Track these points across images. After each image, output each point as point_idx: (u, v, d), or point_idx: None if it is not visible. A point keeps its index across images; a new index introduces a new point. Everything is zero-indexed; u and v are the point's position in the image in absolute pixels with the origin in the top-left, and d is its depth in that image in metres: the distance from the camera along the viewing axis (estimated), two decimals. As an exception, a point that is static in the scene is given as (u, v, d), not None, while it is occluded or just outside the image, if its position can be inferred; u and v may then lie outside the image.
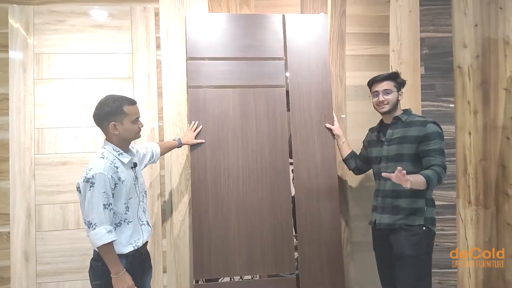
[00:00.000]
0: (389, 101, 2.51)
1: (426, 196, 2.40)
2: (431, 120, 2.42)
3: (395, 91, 2.53)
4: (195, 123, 2.71)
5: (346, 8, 3.12)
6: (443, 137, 2.38)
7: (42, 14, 2.89)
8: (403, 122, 2.49)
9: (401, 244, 2.39)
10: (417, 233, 2.37)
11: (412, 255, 2.35)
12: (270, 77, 2.81)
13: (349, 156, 2.83)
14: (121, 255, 2.06)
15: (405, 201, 2.41)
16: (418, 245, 2.36)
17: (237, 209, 2.70)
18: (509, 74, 3.22)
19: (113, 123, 2.08)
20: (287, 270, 2.73)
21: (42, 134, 2.85)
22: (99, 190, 1.98)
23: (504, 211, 3.21)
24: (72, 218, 2.83)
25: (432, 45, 3.22)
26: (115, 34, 2.95)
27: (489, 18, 3.24)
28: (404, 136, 2.43)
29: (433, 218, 2.42)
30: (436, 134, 2.35)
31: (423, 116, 2.51)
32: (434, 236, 2.44)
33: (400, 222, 2.41)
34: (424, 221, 2.38)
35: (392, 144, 2.48)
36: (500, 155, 3.22)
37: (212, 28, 2.80)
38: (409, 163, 2.39)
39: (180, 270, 2.89)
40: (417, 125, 2.41)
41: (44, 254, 2.80)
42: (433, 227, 2.42)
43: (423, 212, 2.39)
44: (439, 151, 2.33)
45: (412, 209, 2.39)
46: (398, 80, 2.55)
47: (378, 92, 2.54)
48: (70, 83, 2.89)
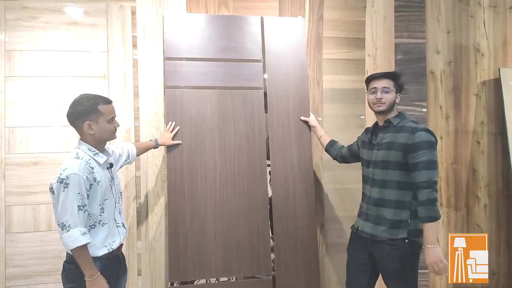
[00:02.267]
0: (386, 100, 2.34)
1: (411, 207, 2.25)
2: (422, 127, 2.25)
3: (394, 91, 2.36)
4: (172, 124, 2.69)
5: (324, 12, 3.15)
6: (434, 145, 2.21)
7: (14, 9, 2.81)
8: (394, 126, 2.33)
9: (385, 258, 2.29)
10: (401, 247, 2.25)
11: (396, 268, 2.27)
12: (248, 79, 2.81)
13: (329, 145, 2.78)
14: (96, 257, 2.02)
15: (388, 212, 2.28)
16: (402, 258, 2.25)
17: (214, 210, 2.69)
18: (479, 80, 3.32)
19: (87, 123, 2.03)
20: (264, 271, 2.73)
21: (13, 133, 2.77)
22: (74, 191, 1.92)
23: (474, 213, 3.31)
24: (44, 220, 2.76)
25: (406, 50, 3.29)
26: (90, 32, 2.89)
27: (460, 25, 3.34)
28: (393, 142, 2.28)
29: (418, 230, 2.24)
30: (425, 144, 2.18)
31: (415, 122, 2.32)
32: (420, 247, 2.29)
33: (383, 235, 2.28)
34: (407, 234, 2.24)
35: (381, 149, 2.34)
36: (471, 159, 3.31)
37: (190, 29, 2.78)
38: (395, 171, 2.27)
39: (155, 272, 2.85)
40: (406, 132, 2.25)
41: (14, 257, 2.72)
42: (418, 239, 2.26)
43: (407, 224, 2.25)
44: (427, 163, 2.16)
45: (395, 221, 2.26)
46: (399, 82, 2.40)
47: (377, 89, 2.37)
48: (43, 81, 2.81)
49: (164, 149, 2.80)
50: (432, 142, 2.21)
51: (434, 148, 2.21)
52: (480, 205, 3.31)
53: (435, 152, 2.21)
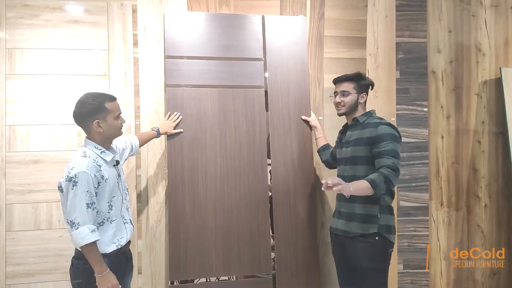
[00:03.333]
0: (345, 103, 2.46)
1: (380, 202, 2.31)
2: (385, 122, 2.33)
3: (354, 93, 2.45)
4: (176, 114, 2.68)
5: (325, 11, 3.15)
6: (397, 139, 2.28)
7: (15, 8, 2.81)
8: (361, 124, 2.42)
9: (357, 256, 2.33)
10: (373, 244, 2.29)
11: (368, 267, 2.29)
12: (249, 77, 2.81)
13: (322, 149, 2.82)
14: (104, 254, 2.03)
15: (359, 207, 2.35)
16: (374, 256, 2.30)
17: (214, 209, 2.69)
18: (480, 80, 3.32)
19: (96, 121, 2.04)
20: (264, 270, 2.73)
21: (13, 131, 2.77)
22: (82, 189, 1.94)
23: (475, 213, 3.30)
24: (45, 218, 2.76)
25: (407, 49, 3.28)
26: (91, 30, 2.89)
27: (462, 25, 3.33)
28: (359, 138, 2.37)
29: (389, 226, 2.32)
30: (388, 136, 2.25)
31: (380, 118, 2.41)
32: (391, 245, 2.34)
33: (355, 230, 2.34)
34: (378, 228, 2.29)
35: (349, 146, 2.44)
36: (472, 158, 3.31)
37: (191, 27, 2.78)
38: (363, 166, 2.33)
39: (156, 271, 2.85)
40: (370, 127, 2.34)
41: (15, 255, 2.72)
42: (390, 235, 2.32)
43: (377, 219, 2.30)
44: (391, 152, 2.22)
45: (366, 216, 2.32)
46: (362, 82, 2.47)
47: (337, 93, 2.50)
48: (44, 79, 2.81)
49: (165, 147, 2.80)
50: (395, 135, 2.28)
51: (397, 141, 2.27)
52: (481, 205, 3.31)
53: (397, 145, 2.27)
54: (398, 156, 2.24)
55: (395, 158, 2.21)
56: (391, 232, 2.34)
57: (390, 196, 2.39)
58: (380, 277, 2.33)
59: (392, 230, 2.35)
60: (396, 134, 2.29)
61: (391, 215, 2.37)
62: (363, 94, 2.48)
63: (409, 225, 3.22)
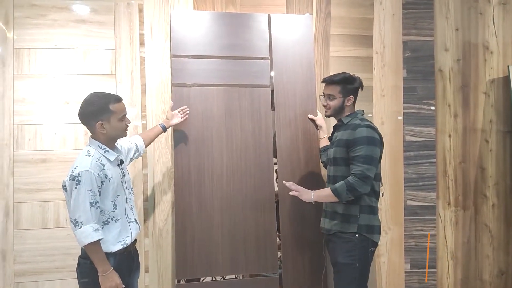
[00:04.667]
0: (331, 106, 2.47)
1: (360, 202, 2.33)
2: (365, 124, 2.33)
3: (339, 97, 2.44)
4: (185, 107, 2.65)
5: (331, 9, 3.14)
6: (374, 142, 2.28)
7: (22, 7, 2.82)
8: (345, 125, 2.43)
9: (335, 251, 2.38)
10: (350, 240, 2.32)
11: (344, 263, 2.32)
12: (255, 76, 2.81)
13: (323, 149, 2.81)
14: (110, 253, 2.04)
15: (340, 207, 2.37)
16: (351, 252, 2.31)
17: (221, 208, 2.69)
18: (488, 78, 3.29)
19: (100, 123, 2.05)
20: (270, 269, 2.73)
21: (21, 131, 2.78)
22: (86, 188, 1.95)
23: (482, 212, 3.28)
24: (52, 217, 2.77)
25: (414, 48, 3.26)
26: (97, 30, 2.90)
27: (469, 23, 3.31)
28: (340, 140, 2.40)
29: (369, 226, 2.33)
30: (363, 140, 2.26)
31: (363, 119, 2.40)
32: (373, 244, 2.36)
33: (335, 228, 2.38)
34: (357, 228, 2.31)
35: (333, 147, 2.46)
36: (479, 157, 3.29)
37: (197, 26, 2.78)
38: (343, 167, 2.36)
39: (162, 269, 2.86)
40: (350, 129, 2.35)
41: (23, 253, 2.74)
42: (371, 235, 2.34)
43: (357, 219, 2.32)
44: (363, 157, 2.24)
45: (346, 216, 2.35)
46: (348, 86, 2.45)
47: (324, 95, 2.52)
48: (51, 79, 2.82)
49: (172, 147, 2.80)
50: (372, 138, 2.28)
51: (373, 143, 2.28)
52: (489, 204, 3.29)
53: (373, 148, 2.27)
54: (371, 161, 2.25)
55: (366, 164, 2.24)
56: (373, 232, 2.35)
57: (374, 196, 2.39)
58: (356, 274, 2.31)
59: (375, 230, 2.36)
60: (373, 137, 2.29)
61: (372, 215, 2.37)
62: (349, 97, 2.46)
63: (416, 224, 3.21)
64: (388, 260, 3.14)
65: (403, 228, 3.16)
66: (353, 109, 2.50)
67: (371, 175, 2.25)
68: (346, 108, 2.47)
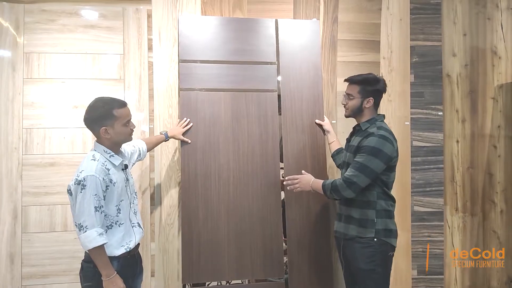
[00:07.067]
0: (349, 106, 2.43)
1: (376, 207, 2.30)
2: (378, 134, 2.26)
3: (358, 97, 2.38)
4: (186, 120, 2.69)
5: (338, 14, 3.14)
6: (376, 154, 2.22)
7: (32, 13, 2.85)
8: (362, 131, 2.38)
9: (355, 258, 2.33)
10: (370, 245, 2.29)
11: (366, 269, 2.28)
12: (262, 81, 2.82)
13: (336, 153, 2.77)
14: (113, 257, 2.05)
15: (355, 211, 2.34)
16: (372, 257, 2.28)
17: (227, 212, 2.69)
18: (496, 84, 3.28)
19: (104, 128, 2.06)
20: (276, 274, 2.72)
21: (30, 134, 2.81)
22: (91, 193, 1.96)
23: (490, 218, 3.26)
24: (60, 220, 2.79)
25: (422, 53, 3.26)
26: (106, 35, 2.92)
27: (477, 28, 3.29)
28: (353, 146, 2.38)
29: (387, 230, 2.31)
30: (367, 149, 2.23)
31: (382, 127, 2.33)
32: (392, 249, 2.34)
33: (352, 233, 2.34)
34: (375, 233, 2.28)
35: (349, 152, 2.44)
36: (487, 163, 3.27)
37: (205, 31, 2.80)
38: None
39: (169, 274, 2.86)
40: (364, 136, 2.32)
41: (30, 256, 2.76)
42: (389, 239, 2.31)
43: (374, 224, 2.29)
44: (358, 164, 2.23)
45: (362, 220, 2.31)
46: (368, 87, 2.38)
47: (345, 94, 2.47)
48: (60, 83, 2.85)
49: (178, 151, 2.81)
50: (377, 149, 2.22)
51: (376, 155, 2.22)
52: (497, 210, 3.26)
53: (373, 159, 2.22)
54: (364, 170, 2.22)
55: (357, 171, 2.23)
56: (391, 236, 2.33)
57: (391, 200, 2.37)
58: (378, 279, 2.30)
59: (392, 234, 2.34)
60: (379, 149, 2.22)
61: (389, 218, 2.34)
62: (369, 99, 2.38)
63: (423, 230, 3.19)
64: (395, 266, 3.10)
65: (410, 234, 3.14)
66: (374, 113, 2.43)
67: (359, 183, 2.23)
68: (365, 110, 2.40)
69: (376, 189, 2.31)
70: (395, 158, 2.32)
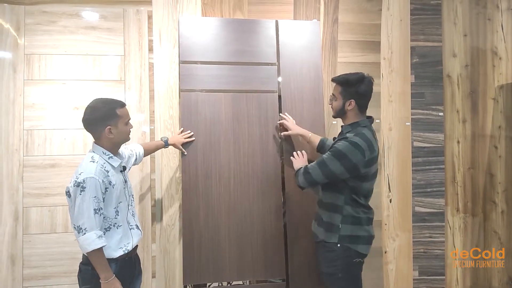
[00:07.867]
0: (333, 107, 2.33)
1: (342, 212, 2.25)
2: (351, 140, 2.16)
3: (339, 99, 2.28)
4: (190, 132, 2.68)
5: (339, 15, 3.15)
6: (339, 157, 2.14)
7: (33, 14, 2.86)
8: (343, 134, 2.30)
9: (319, 261, 2.36)
10: (333, 250, 2.25)
11: (327, 272, 2.28)
12: (263, 82, 2.82)
13: (321, 145, 2.65)
14: (111, 259, 2.04)
15: (324, 213, 2.33)
16: (334, 262, 2.25)
17: (228, 213, 2.69)
18: (497, 84, 3.28)
19: (108, 127, 2.05)
20: (277, 275, 2.72)
21: (31, 136, 2.81)
22: (90, 195, 1.95)
23: (491, 219, 3.25)
24: (61, 222, 2.80)
25: (422, 54, 3.26)
26: (107, 36, 2.93)
27: (478, 28, 3.30)
28: None
29: (352, 236, 2.24)
30: (335, 150, 2.17)
31: (360, 133, 2.20)
32: (358, 255, 2.25)
33: (321, 236, 2.33)
34: (338, 239, 2.24)
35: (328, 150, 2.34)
36: (488, 163, 3.27)
37: (205, 32, 2.80)
38: None
39: (170, 275, 2.86)
40: (339, 139, 2.26)
41: (31, 258, 2.76)
42: (355, 245, 2.24)
43: (338, 229, 2.24)
44: (320, 160, 2.21)
45: (328, 224, 2.29)
46: (349, 89, 2.24)
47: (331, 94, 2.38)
48: (61, 85, 2.86)
49: (179, 152, 2.81)
50: (342, 154, 2.14)
51: (338, 158, 2.15)
52: (498, 210, 3.26)
53: (334, 161, 2.16)
54: (323, 169, 2.20)
55: (317, 165, 2.24)
56: (358, 243, 2.25)
57: (360, 207, 2.27)
58: (340, 284, 2.26)
59: (359, 240, 2.25)
60: (344, 154, 2.14)
61: (355, 225, 2.25)
62: (350, 101, 2.25)
63: (424, 231, 3.19)
64: (396, 267, 3.12)
65: (412, 234, 3.14)
66: (359, 116, 2.29)
67: (314, 176, 2.23)
68: (348, 112, 2.28)
69: (344, 193, 2.25)
70: (364, 169, 2.18)
